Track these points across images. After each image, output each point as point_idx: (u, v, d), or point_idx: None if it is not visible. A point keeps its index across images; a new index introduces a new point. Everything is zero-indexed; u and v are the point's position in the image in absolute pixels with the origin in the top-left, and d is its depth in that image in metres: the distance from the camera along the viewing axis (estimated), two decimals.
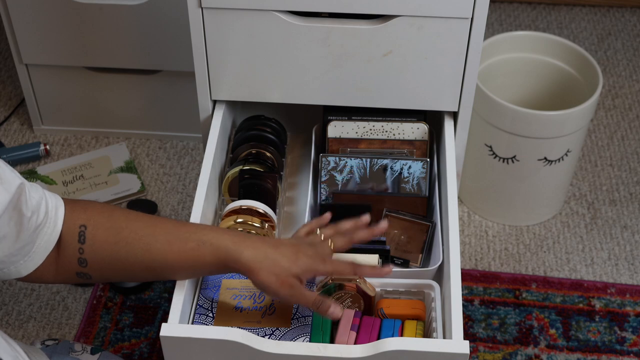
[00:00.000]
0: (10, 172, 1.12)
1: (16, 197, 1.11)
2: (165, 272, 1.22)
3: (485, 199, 1.97)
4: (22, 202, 1.12)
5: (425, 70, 1.45)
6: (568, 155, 1.86)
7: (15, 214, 1.12)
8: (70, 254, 1.20)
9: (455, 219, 1.36)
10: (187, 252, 1.20)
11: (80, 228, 1.19)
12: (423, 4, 1.37)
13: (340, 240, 1.27)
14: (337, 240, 1.27)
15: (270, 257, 1.19)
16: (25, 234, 1.15)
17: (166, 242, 1.20)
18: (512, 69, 1.97)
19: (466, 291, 1.84)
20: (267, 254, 1.19)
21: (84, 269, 1.21)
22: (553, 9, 2.52)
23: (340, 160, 1.51)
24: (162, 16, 1.89)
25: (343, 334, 1.26)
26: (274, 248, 1.21)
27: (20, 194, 1.12)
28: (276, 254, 1.20)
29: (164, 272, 1.22)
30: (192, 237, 1.20)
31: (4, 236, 1.12)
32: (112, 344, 1.75)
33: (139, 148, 2.14)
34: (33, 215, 1.14)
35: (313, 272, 1.22)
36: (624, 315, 1.82)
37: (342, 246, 1.28)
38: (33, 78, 2.06)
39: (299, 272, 1.20)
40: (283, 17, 1.41)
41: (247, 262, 1.19)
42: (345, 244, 1.28)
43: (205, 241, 1.20)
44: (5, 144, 2.14)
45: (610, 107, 2.25)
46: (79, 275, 1.22)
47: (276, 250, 1.21)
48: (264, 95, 1.52)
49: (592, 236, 1.97)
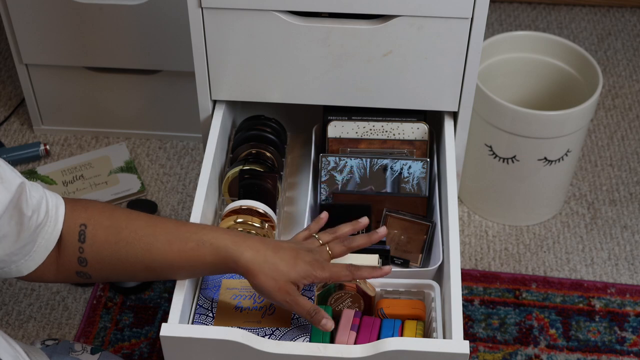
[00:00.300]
0: (11, 172, 1.12)
1: (17, 196, 1.11)
2: (165, 271, 1.22)
3: (485, 199, 1.97)
4: (22, 201, 1.12)
5: (425, 70, 1.45)
6: (568, 155, 1.86)
7: (16, 213, 1.12)
8: (70, 253, 1.20)
9: (455, 219, 1.36)
10: (187, 252, 1.20)
11: (80, 227, 1.19)
12: (423, 4, 1.37)
13: (338, 247, 1.27)
14: (335, 247, 1.26)
15: (270, 261, 1.19)
16: (26, 233, 1.15)
17: (166, 242, 1.20)
18: (512, 69, 1.97)
19: (466, 291, 1.84)
20: (267, 257, 1.19)
21: (84, 268, 1.21)
22: (553, 9, 2.52)
23: (340, 160, 1.51)
24: (162, 16, 1.89)
25: (343, 334, 1.26)
26: (274, 252, 1.20)
27: (20, 193, 1.12)
28: (276, 258, 1.20)
29: (164, 272, 1.22)
30: (192, 237, 1.20)
31: (4, 235, 1.12)
32: (112, 344, 1.75)
33: (139, 148, 2.14)
34: (34, 214, 1.15)
35: (311, 278, 1.21)
36: (624, 315, 1.82)
37: (339, 253, 1.27)
38: (33, 78, 2.06)
39: (297, 278, 1.20)
40: (283, 17, 1.41)
41: (247, 263, 1.19)
42: (343, 251, 1.27)
43: (206, 241, 1.20)
44: (5, 144, 2.15)
45: (610, 107, 2.25)
46: (79, 275, 1.22)
47: (276, 254, 1.20)
48: (264, 95, 1.52)
49: (592, 236, 1.97)
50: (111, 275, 1.23)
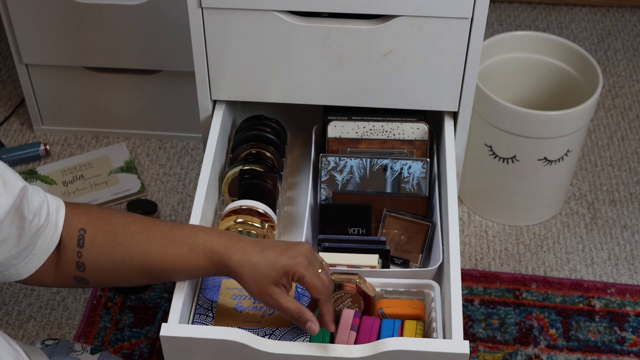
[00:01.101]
0: (13, 176, 1.12)
1: (19, 199, 1.11)
2: (161, 275, 1.22)
3: (485, 199, 1.97)
4: (24, 205, 1.12)
5: (425, 70, 1.45)
6: (568, 155, 1.86)
7: (17, 216, 1.12)
8: (69, 258, 1.20)
9: (455, 219, 1.36)
10: (181, 256, 1.19)
11: (79, 232, 1.19)
12: (423, 4, 1.37)
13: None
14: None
15: (253, 263, 1.17)
16: (27, 236, 1.15)
17: (161, 246, 1.19)
18: (512, 69, 1.97)
19: (466, 291, 1.84)
20: (251, 260, 1.17)
21: (82, 273, 1.21)
22: (553, 9, 2.52)
23: (340, 160, 1.51)
24: (162, 16, 1.89)
25: (343, 334, 1.25)
26: (260, 253, 1.18)
27: (22, 196, 1.12)
28: (259, 259, 1.17)
29: (160, 276, 1.22)
30: (186, 240, 1.20)
31: (5, 239, 1.12)
32: (112, 344, 1.75)
33: (139, 148, 2.14)
34: (35, 217, 1.15)
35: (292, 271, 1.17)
36: (624, 315, 1.82)
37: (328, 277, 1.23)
38: (33, 78, 2.06)
39: (277, 277, 1.17)
40: (283, 17, 1.41)
41: (235, 267, 1.18)
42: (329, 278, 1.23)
43: (199, 244, 1.19)
44: (5, 144, 2.15)
45: (610, 107, 2.25)
46: (77, 280, 1.22)
47: (261, 254, 1.18)
48: (264, 95, 1.52)
49: (592, 236, 1.97)
50: (108, 280, 1.23)
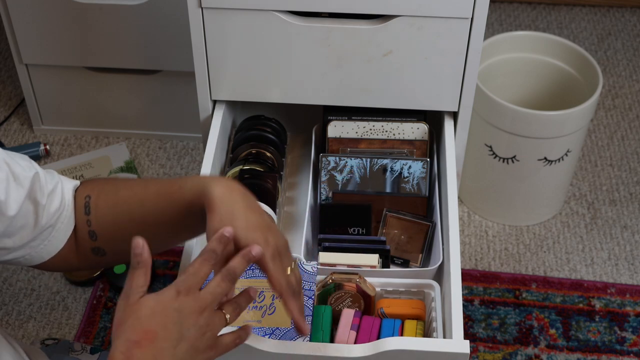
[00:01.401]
0: (22, 169, 1.12)
1: (31, 188, 1.12)
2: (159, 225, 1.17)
3: (485, 199, 1.97)
4: (36, 191, 1.13)
5: (425, 70, 1.45)
6: (568, 155, 1.86)
7: (32, 204, 1.13)
8: (82, 231, 1.19)
9: (455, 219, 1.36)
10: (171, 195, 1.16)
11: (85, 199, 1.19)
12: (423, 4, 1.37)
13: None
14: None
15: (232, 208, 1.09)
16: (44, 219, 1.15)
17: (156, 192, 1.17)
18: (512, 69, 1.97)
19: (466, 291, 1.84)
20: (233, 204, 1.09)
21: (95, 243, 1.20)
22: (553, 9, 2.52)
23: (340, 160, 1.51)
24: (162, 16, 1.89)
25: (343, 333, 1.25)
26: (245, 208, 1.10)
27: (34, 183, 1.12)
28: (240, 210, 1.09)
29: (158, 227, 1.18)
30: (178, 182, 1.17)
31: (22, 226, 1.13)
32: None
33: (139, 148, 2.14)
34: (49, 201, 1.15)
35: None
36: (624, 315, 1.82)
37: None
38: (33, 78, 2.06)
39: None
40: (283, 17, 1.41)
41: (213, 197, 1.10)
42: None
43: (188, 182, 1.16)
44: (5, 144, 2.15)
45: (610, 107, 2.25)
46: (94, 252, 1.20)
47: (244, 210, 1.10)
48: (264, 95, 1.52)
49: (592, 236, 1.97)
50: (119, 242, 1.19)
